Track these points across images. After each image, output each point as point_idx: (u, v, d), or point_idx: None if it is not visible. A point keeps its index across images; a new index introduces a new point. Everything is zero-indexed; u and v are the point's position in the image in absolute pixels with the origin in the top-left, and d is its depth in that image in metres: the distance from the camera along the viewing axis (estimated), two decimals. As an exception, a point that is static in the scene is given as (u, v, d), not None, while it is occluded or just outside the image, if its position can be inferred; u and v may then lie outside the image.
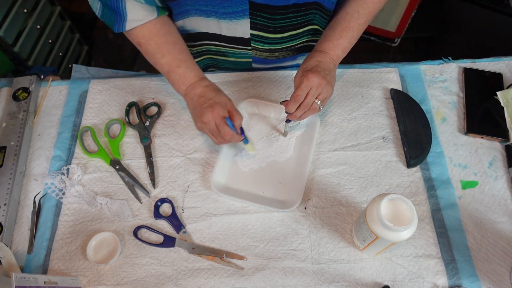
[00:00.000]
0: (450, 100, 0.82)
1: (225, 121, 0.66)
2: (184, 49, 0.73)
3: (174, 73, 0.71)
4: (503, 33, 1.37)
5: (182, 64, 0.71)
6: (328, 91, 0.67)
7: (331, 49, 0.70)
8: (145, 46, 0.71)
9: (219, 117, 0.65)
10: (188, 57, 0.72)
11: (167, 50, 0.70)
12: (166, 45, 0.71)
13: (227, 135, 0.66)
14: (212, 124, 0.66)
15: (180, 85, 0.71)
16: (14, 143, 0.78)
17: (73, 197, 0.73)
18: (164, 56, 0.70)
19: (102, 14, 0.69)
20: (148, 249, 0.68)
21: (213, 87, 0.70)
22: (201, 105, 0.67)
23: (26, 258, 0.68)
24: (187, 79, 0.70)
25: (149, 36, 0.70)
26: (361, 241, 0.62)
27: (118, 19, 0.67)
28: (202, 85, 0.70)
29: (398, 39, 1.49)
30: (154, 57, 0.71)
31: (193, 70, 0.71)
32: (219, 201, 0.72)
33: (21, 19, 1.48)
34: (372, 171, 0.74)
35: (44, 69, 1.60)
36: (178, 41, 0.72)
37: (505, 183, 0.72)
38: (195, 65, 0.73)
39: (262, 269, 0.65)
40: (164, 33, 0.71)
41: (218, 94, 0.69)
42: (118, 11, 0.66)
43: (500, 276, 0.63)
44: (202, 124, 0.67)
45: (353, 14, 0.70)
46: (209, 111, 0.65)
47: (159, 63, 0.71)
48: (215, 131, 0.67)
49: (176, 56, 0.71)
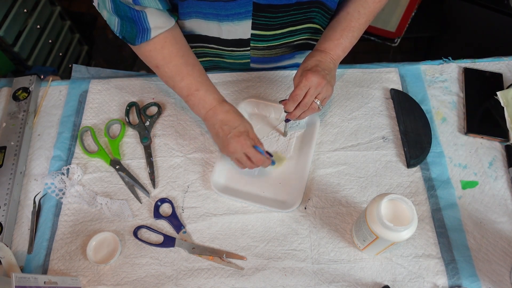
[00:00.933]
0: (450, 100, 0.82)
1: (255, 149, 0.67)
2: (202, 71, 0.71)
3: (194, 97, 0.70)
4: (503, 33, 1.37)
5: (201, 87, 0.69)
6: (327, 90, 0.67)
7: (332, 48, 0.70)
8: (163, 69, 0.69)
9: (247, 147, 0.67)
10: (206, 79, 0.71)
11: (186, 73, 0.69)
12: (186, 67, 0.69)
13: (260, 161, 0.68)
14: (239, 154, 0.67)
15: (200, 109, 0.70)
16: (14, 143, 0.78)
17: (73, 197, 0.73)
18: (183, 79, 0.69)
19: (121, 29, 0.66)
20: (148, 249, 0.68)
21: (235, 113, 0.70)
22: (226, 134, 0.67)
23: (26, 258, 0.68)
24: (207, 103, 0.69)
25: (170, 58, 0.68)
26: (361, 241, 0.62)
27: (140, 30, 0.65)
28: (223, 110, 0.69)
29: (398, 39, 1.49)
30: (173, 80, 0.70)
31: (213, 93, 0.70)
32: (219, 201, 0.72)
33: (21, 19, 1.48)
34: (372, 171, 0.74)
35: (44, 69, 1.59)
36: (196, 62, 0.71)
37: (505, 183, 0.72)
38: (214, 87, 0.72)
39: (262, 269, 0.65)
40: (183, 55, 0.69)
41: (243, 122, 0.69)
42: (140, 23, 0.64)
43: (500, 276, 0.63)
44: (229, 153, 0.69)
45: (354, 14, 0.70)
46: (236, 141, 0.66)
47: (178, 86, 0.70)
48: (243, 159, 0.68)
49: (196, 78, 0.69)
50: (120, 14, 0.64)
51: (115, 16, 0.64)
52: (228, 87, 0.85)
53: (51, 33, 1.66)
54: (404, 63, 0.87)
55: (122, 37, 0.67)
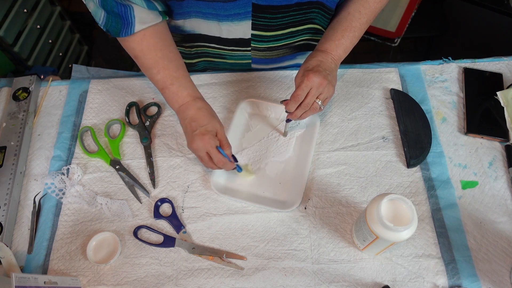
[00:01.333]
0: (450, 100, 0.82)
1: (217, 149, 0.67)
2: (180, 66, 0.72)
3: (168, 90, 0.70)
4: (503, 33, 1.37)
5: (176, 82, 0.70)
6: (329, 91, 0.67)
7: (333, 49, 0.70)
8: (141, 60, 0.70)
9: (210, 146, 0.66)
10: (183, 74, 0.72)
11: (162, 66, 0.70)
12: (163, 60, 0.70)
13: (220, 162, 0.67)
14: (202, 152, 0.67)
15: (173, 103, 0.71)
16: (14, 143, 0.78)
17: (73, 197, 0.73)
18: (159, 72, 0.70)
19: (106, 22, 0.66)
20: (148, 249, 0.68)
21: (207, 111, 0.70)
22: (193, 130, 0.68)
23: (26, 258, 0.68)
24: (180, 97, 0.70)
25: (148, 50, 0.69)
26: (361, 241, 0.62)
27: (125, 25, 0.66)
28: (195, 107, 0.70)
29: (398, 39, 1.49)
30: (150, 72, 0.71)
31: (187, 88, 0.71)
32: (219, 201, 0.72)
33: (21, 19, 1.48)
34: (372, 171, 0.74)
35: (44, 69, 1.60)
36: (175, 57, 0.72)
37: (505, 183, 0.72)
38: (190, 83, 0.72)
39: (262, 269, 0.65)
40: (161, 47, 0.70)
41: (211, 121, 0.69)
42: (126, 17, 0.65)
43: (500, 276, 0.63)
44: (192, 149, 0.69)
45: (355, 14, 0.70)
46: (199, 139, 0.66)
47: (154, 79, 0.71)
48: (204, 158, 0.68)
49: (172, 73, 0.70)
50: (107, 9, 0.64)
51: (102, 9, 0.65)
52: (228, 87, 0.85)
53: (51, 33, 1.66)
54: (404, 63, 0.87)
55: (106, 30, 0.68)
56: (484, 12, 1.40)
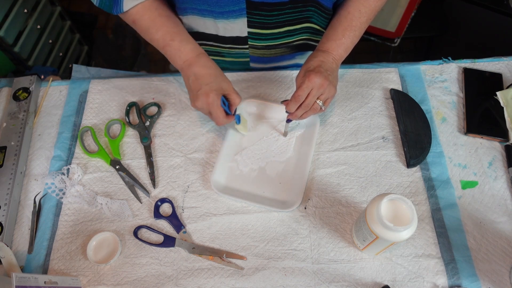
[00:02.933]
0: (450, 100, 0.82)
1: (218, 110, 0.67)
2: (178, 22, 0.71)
3: (169, 47, 0.69)
4: (503, 33, 1.37)
5: (176, 37, 0.69)
6: (330, 91, 0.67)
7: (334, 48, 0.70)
8: (139, 23, 0.69)
9: (212, 106, 0.67)
10: (182, 30, 0.70)
11: (160, 23, 0.69)
12: (160, 18, 0.69)
13: (219, 123, 0.68)
14: (205, 111, 0.68)
15: (177, 59, 0.69)
16: (14, 143, 0.78)
17: (73, 197, 0.73)
18: (158, 30, 0.69)
19: (100, 1, 0.67)
20: (148, 249, 0.68)
21: (212, 69, 0.69)
22: (197, 89, 0.67)
23: (26, 258, 0.68)
24: (183, 53, 0.69)
25: (143, 12, 0.68)
26: (361, 241, 0.62)
27: (115, 2, 0.66)
28: (200, 63, 0.68)
29: (398, 39, 1.49)
30: (149, 32, 0.69)
31: (189, 43, 0.70)
32: (219, 201, 0.72)
33: (21, 19, 1.48)
34: (372, 171, 0.74)
35: (44, 69, 1.59)
36: (171, 15, 0.71)
37: (505, 183, 0.72)
38: (191, 39, 0.71)
39: (262, 269, 0.65)
40: (157, 7, 0.69)
41: (216, 79, 0.68)
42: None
43: (500, 276, 0.63)
44: (195, 107, 0.69)
45: (355, 13, 0.70)
46: (204, 98, 0.66)
47: (154, 38, 0.70)
48: (208, 115, 0.69)
49: (171, 29, 0.69)
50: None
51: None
52: (228, 87, 0.85)
53: (51, 33, 1.66)
54: (404, 63, 0.87)
55: (101, 7, 0.68)
56: (484, 12, 1.40)
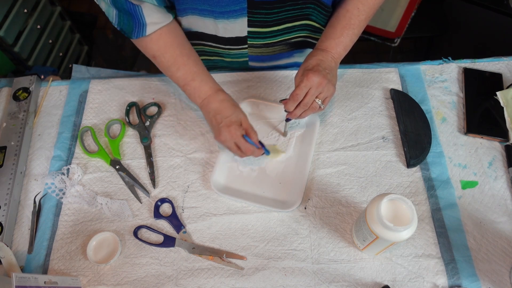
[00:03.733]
0: (450, 100, 0.82)
1: (244, 139, 0.68)
2: (198, 61, 0.73)
3: (189, 86, 0.72)
4: (503, 33, 1.37)
5: (196, 77, 0.71)
6: (329, 90, 0.67)
7: (333, 47, 0.70)
8: (160, 59, 0.71)
9: (236, 137, 0.68)
10: (202, 69, 0.73)
11: (182, 63, 0.71)
12: (181, 57, 0.71)
13: (248, 151, 0.69)
14: (230, 143, 0.68)
15: (196, 98, 0.72)
16: (14, 143, 0.78)
17: (73, 197, 0.73)
18: (179, 69, 0.71)
19: (119, 21, 0.67)
20: (148, 249, 0.68)
21: (229, 102, 0.71)
22: (218, 123, 0.69)
23: (26, 258, 0.68)
24: (202, 92, 0.71)
25: (165, 49, 0.70)
26: (361, 241, 0.62)
27: (137, 24, 0.67)
28: (218, 99, 0.70)
29: (398, 39, 1.49)
30: (170, 70, 0.72)
31: (208, 82, 0.72)
32: (219, 201, 0.72)
33: (21, 19, 1.48)
34: (372, 171, 0.74)
35: (44, 69, 1.60)
36: (192, 53, 0.73)
37: (505, 183, 0.72)
38: (210, 77, 0.73)
39: (262, 269, 0.65)
40: (178, 45, 0.71)
41: (235, 111, 0.70)
42: (136, 15, 0.66)
43: (500, 276, 0.63)
44: (220, 141, 0.70)
45: (353, 11, 0.70)
46: (226, 131, 0.67)
47: (175, 76, 0.72)
48: (233, 148, 0.69)
49: (191, 68, 0.71)
50: (118, 6, 0.65)
51: (113, 7, 0.66)
52: (228, 87, 0.85)
53: (51, 33, 1.66)
54: (404, 63, 0.87)
55: (120, 29, 0.69)
56: (484, 12, 1.40)
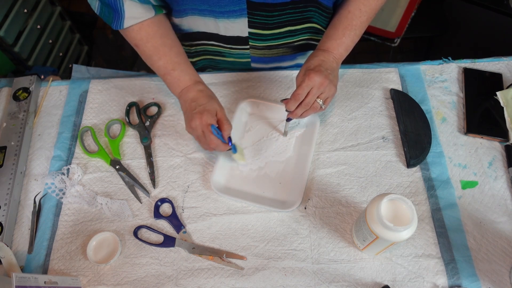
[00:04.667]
0: (450, 100, 0.82)
1: (210, 129, 0.66)
2: (180, 52, 0.73)
3: (170, 76, 0.72)
4: (503, 33, 1.37)
5: (177, 67, 0.72)
6: (330, 90, 0.67)
7: (334, 48, 0.70)
8: (142, 48, 0.71)
9: (206, 125, 0.66)
10: (184, 60, 0.73)
11: (163, 53, 0.71)
12: (163, 47, 0.71)
13: (212, 143, 0.67)
14: (199, 131, 0.67)
15: (176, 87, 0.72)
16: (14, 143, 0.78)
17: (73, 197, 0.73)
18: (160, 59, 0.71)
19: (100, 11, 0.69)
20: (148, 249, 0.68)
21: (207, 92, 0.71)
22: (192, 110, 0.68)
23: (26, 258, 0.68)
24: (182, 82, 0.72)
25: (147, 38, 0.70)
26: (361, 241, 0.62)
27: (116, 17, 0.67)
28: (196, 89, 0.71)
29: (398, 39, 1.49)
30: (151, 59, 0.72)
31: (188, 73, 0.72)
32: (219, 201, 0.72)
33: (21, 19, 1.48)
34: (372, 171, 0.74)
35: (44, 69, 1.60)
36: (174, 43, 0.73)
37: (505, 183, 0.72)
38: (191, 68, 0.73)
39: (262, 269, 0.65)
40: (161, 35, 0.71)
41: (210, 101, 0.69)
42: (116, 8, 0.66)
43: (500, 276, 0.63)
44: (190, 129, 0.69)
45: (355, 12, 0.70)
46: (198, 117, 0.66)
47: (156, 66, 0.72)
48: (201, 138, 0.68)
49: (172, 59, 0.72)
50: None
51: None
52: (228, 87, 0.85)
53: (51, 33, 1.66)
54: (404, 63, 0.87)
55: (102, 17, 0.69)
56: (484, 12, 1.40)
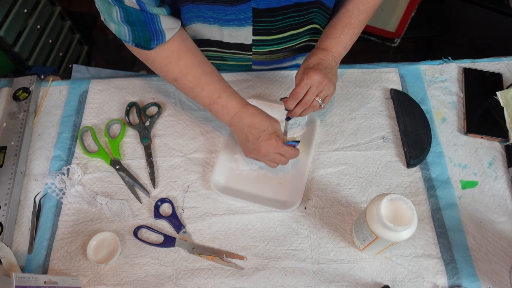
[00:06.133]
0: (450, 100, 0.82)
1: (287, 147, 0.69)
2: (220, 77, 0.71)
3: (216, 105, 0.69)
4: (503, 33, 1.37)
5: (223, 94, 0.69)
6: (329, 89, 0.67)
7: (333, 46, 0.70)
8: (182, 82, 0.69)
9: (280, 147, 0.68)
10: (226, 85, 0.71)
11: (205, 82, 0.69)
12: (205, 76, 0.69)
13: (293, 156, 0.71)
14: (273, 155, 0.69)
15: (225, 115, 0.70)
16: (14, 143, 0.78)
17: (73, 197, 0.73)
18: (204, 89, 0.69)
19: (133, 36, 0.63)
20: (148, 249, 0.68)
21: (260, 114, 0.69)
22: (257, 138, 0.68)
23: (26, 258, 0.68)
24: (231, 109, 0.69)
25: (186, 71, 0.68)
26: (361, 241, 0.62)
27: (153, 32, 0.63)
28: (248, 113, 0.69)
29: (398, 39, 1.49)
30: (193, 92, 0.69)
31: (235, 98, 0.70)
32: (219, 201, 0.72)
33: (21, 19, 1.48)
34: (372, 171, 0.74)
35: (44, 69, 1.60)
36: (212, 69, 0.71)
37: (504, 183, 0.72)
38: (235, 92, 0.71)
39: (262, 269, 0.65)
40: (199, 64, 0.69)
41: (270, 123, 0.69)
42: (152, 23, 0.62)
43: (500, 276, 0.63)
44: (260, 156, 0.69)
45: (354, 11, 0.70)
46: (268, 144, 0.68)
47: (199, 97, 0.70)
48: (276, 159, 0.69)
49: (216, 86, 0.69)
50: (132, 20, 0.61)
51: (125, 25, 0.62)
52: (228, 87, 0.85)
53: (51, 33, 1.66)
54: (404, 63, 0.87)
55: (136, 44, 0.65)
56: (484, 12, 1.40)
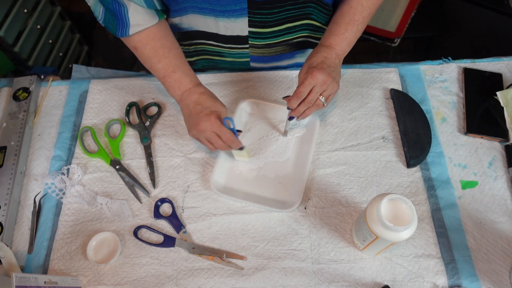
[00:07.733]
0: (450, 100, 0.82)
1: (225, 127, 0.66)
2: (180, 54, 0.73)
3: (170, 78, 0.71)
4: (503, 33, 1.37)
5: (177, 69, 0.71)
6: (333, 87, 0.67)
7: (337, 43, 0.70)
8: (141, 50, 0.71)
9: (217, 126, 0.66)
10: (183, 62, 0.73)
11: (163, 55, 0.71)
12: (162, 49, 0.71)
13: (229, 140, 0.67)
14: (209, 133, 0.67)
15: (176, 90, 0.72)
16: (14, 143, 0.78)
17: (73, 197, 0.73)
18: (160, 61, 0.71)
19: (104, 19, 0.68)
20: (148, 249, 0.68)
21: (209, 94, 0.71)
22: (198, 113, 0.68)
23: (26, 258, 0.68)
24: (183, 84, 0.71)
25: (146, 41, 0.70)
26: (361, 241, 0.62)
27: (121, 25, 0.67)
28: (198, 91, 0.70)
29: (398, 39, 1.49)
30: (150, 62, 0.72)
31: (189, 75, 0.72)
32: (219, 201, 0.72)
33: (21, 19, 1.48)
34: (372, 171, 0.74)
35: (44, 69, 1.60)
36: (174, 46, 0.73)
37: (505, 183, 0.72)
38: (191, 70, 0.73)
39: (262, 269, 0.65)
40: (160, 37, 0.71)
41: (215, 102, 0.69)
42: (120, 17, 0.66)
43: (500, 276, 0.63)
44: (198, 132, 0.68)
45: (357, 7, 0.70)
46: (206, 119, 0.66)
47: (155, 68, 0.72)
48: (213, 138, 0.67)
49: (172, 61, 0.71)
50: (104, 4, 0.66)
51: (100, 4, 0.66)
52: (228, 87, 0.85)
53: (51, 33, 1.67)
54: (404, 63, 0.87)
55: (105, 26, 0.69)
56: (484, 12, 1.40)
